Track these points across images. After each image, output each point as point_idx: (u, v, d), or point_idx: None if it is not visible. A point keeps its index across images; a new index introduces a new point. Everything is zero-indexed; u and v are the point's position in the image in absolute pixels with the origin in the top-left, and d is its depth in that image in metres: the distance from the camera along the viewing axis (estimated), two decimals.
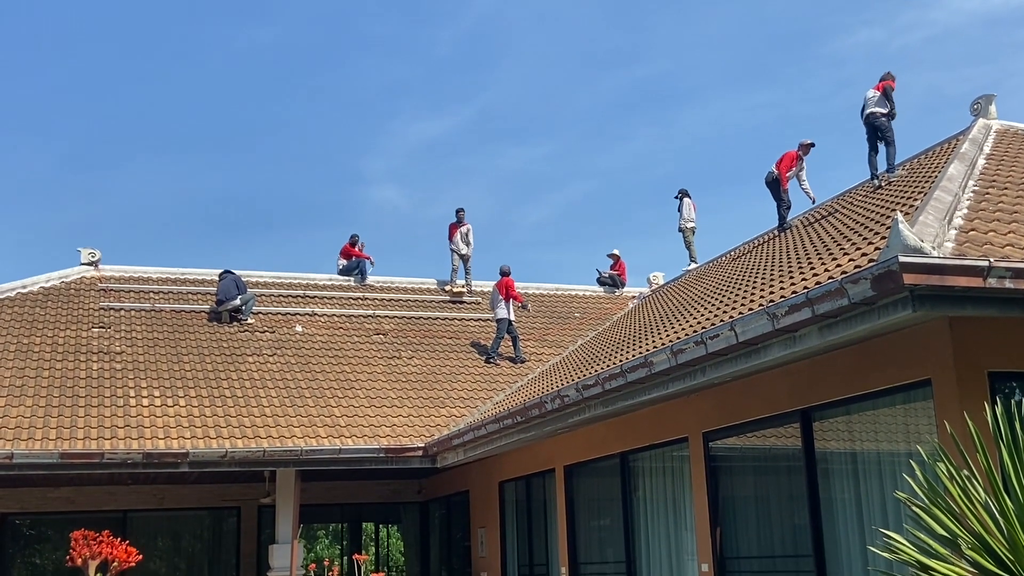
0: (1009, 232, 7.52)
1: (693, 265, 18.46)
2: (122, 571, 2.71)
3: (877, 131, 12.75)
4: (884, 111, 12.76)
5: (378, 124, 62.27)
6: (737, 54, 56.60)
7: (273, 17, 55.54)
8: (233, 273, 18.54)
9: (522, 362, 17.68)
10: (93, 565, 2.60)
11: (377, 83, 60.00)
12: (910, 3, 53.16)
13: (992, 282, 6.05)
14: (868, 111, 12.83)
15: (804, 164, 14.37)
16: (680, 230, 19.43)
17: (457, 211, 21.36)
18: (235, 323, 17.92)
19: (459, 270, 21.09)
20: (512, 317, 18.01)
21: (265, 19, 55.79)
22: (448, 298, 20.77)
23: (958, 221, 7.72)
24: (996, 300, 6.29)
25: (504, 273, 18.36)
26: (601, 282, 22.65)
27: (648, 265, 51.55)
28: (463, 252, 20.96)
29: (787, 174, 14.09)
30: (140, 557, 2.80)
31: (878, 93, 12.87)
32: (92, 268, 19.20)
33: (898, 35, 53.88)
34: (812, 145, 14.47)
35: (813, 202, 14.30)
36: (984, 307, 6.32)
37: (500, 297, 18.06)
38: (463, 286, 20.92)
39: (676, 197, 19.75)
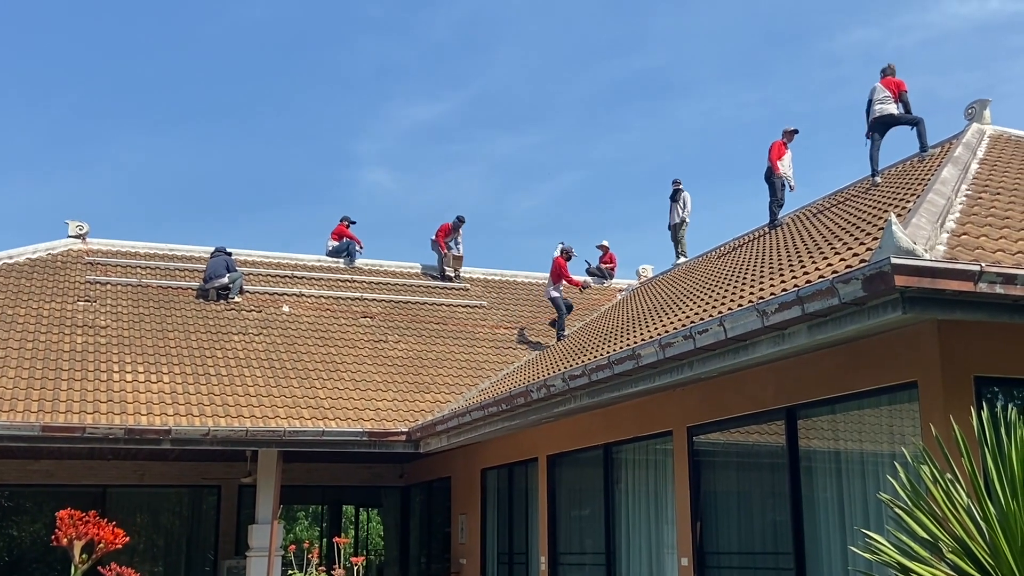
0: (1000, 237, 7.53)
1: (683, 259, 18.38)
2: (108, 552, 2.67)
3: (899, 123, 12.71)
4: (898, 113, 12.71)
5: (371, 106, 62.06)
6: (733, 49, 56.60)
7: None
8: (227, 253, 18.45)
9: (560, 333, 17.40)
10: (78, 546, 2.55)
11: (372, 64, 59.79)
12: (906, 5, 53.25)
13: (983, 287, 6.05)
14: (886, 113, 12.68)
15: (789, 151, 14.39)
16: (679, 223, 18.67)
17: (459, 217, 21.40)
18: (222, 301, 17.85)
19: (447, 257, 21.20)
20: (556, 295, 17.58)
21: None
22: (436, 283, 20.75)
23: (950, 224, 7.73)
24: (986, 305, 6.30)
25: (561, 253, 17.90)
26: (590, 273, 22.63)
27: (636, 257, 51.65)
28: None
29: (777, 161, 14.10)
30: (127, 539, 2.75)
31: (890, 94, 12.74)
32: (79, 241, 19.08)
33: (894, 36, 53.99)
34: (795, 132, 14.48)
35: (792, 190, 14.30)
36: (973, 311, 6.33)
37: (552, 280, 17.77)
38: (457, 256, 21.04)
39: (674, 187, 18.57)
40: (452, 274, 21.08)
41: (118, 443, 13.16)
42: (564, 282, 17.78)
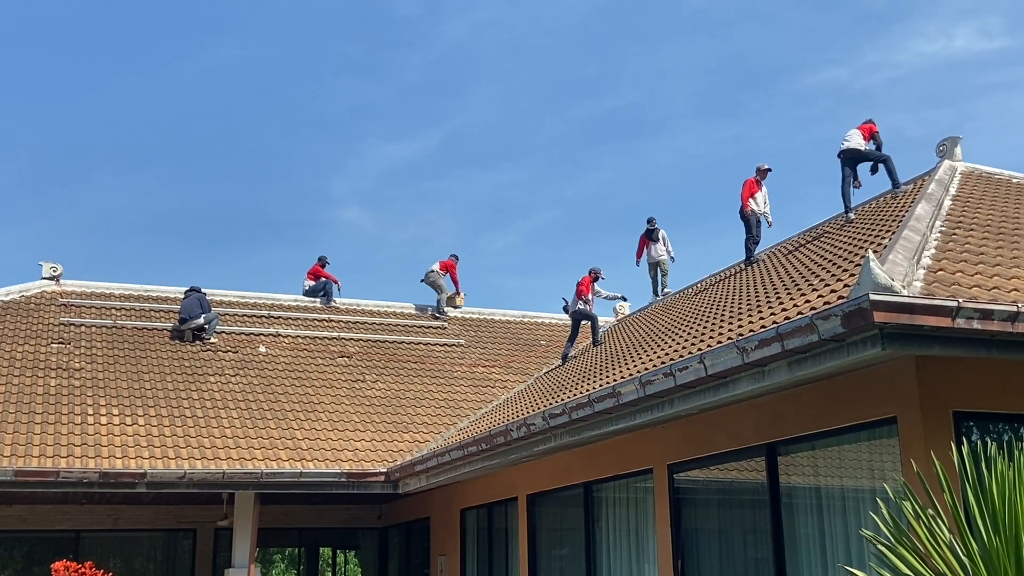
0: (976, 273, 7.61)
1: (661, 296, 18.30)
2: None
3: (866, 159, 12.87)
4: (865, 148, 12.87)
5: (347, 146, 62.18)
6: (705, 88, 57.22)
7: (245, 35, 55.42)
8: (200, 291, 18.35)
9: (566, 357, 16.93)
10: None
11: (347, 105, 59.98)
12: (874, 45, 54.12)
13: (960, 322, 6.10)
14: (852, 147, 12.85)
15: (764, 188, 14.50)
16: (662, 260, 18.52)
17: (454, 256, 22.13)
18: (198, 342, 17.72)
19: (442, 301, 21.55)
20: (578, 307, 17.21)
21: (237, 37, 55.66)
22: (414, 322, 20.74)
23: (926, 261, 7.80)
24: (963, 340, 6.34)
25: (589, 272, 17.60)
26: (567, 310, 22.61)
27: None
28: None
29: (748, 199, 14.22)
30: None
31: (859, 132, 12.92)
32: (53, 283, 18.93)
33: (862, 75, 54.79)
34: (769, 170, 14.62)
35: (769, 226, 14.42)
36: (951, 347, 6.36)
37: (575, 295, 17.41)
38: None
39: (651, 226, 18.16)
40: (452, 307, 21.60)
41: (92, 487, 12.98)
42: (588, 296, 17.39)
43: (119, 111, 56.85)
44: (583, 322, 16.98)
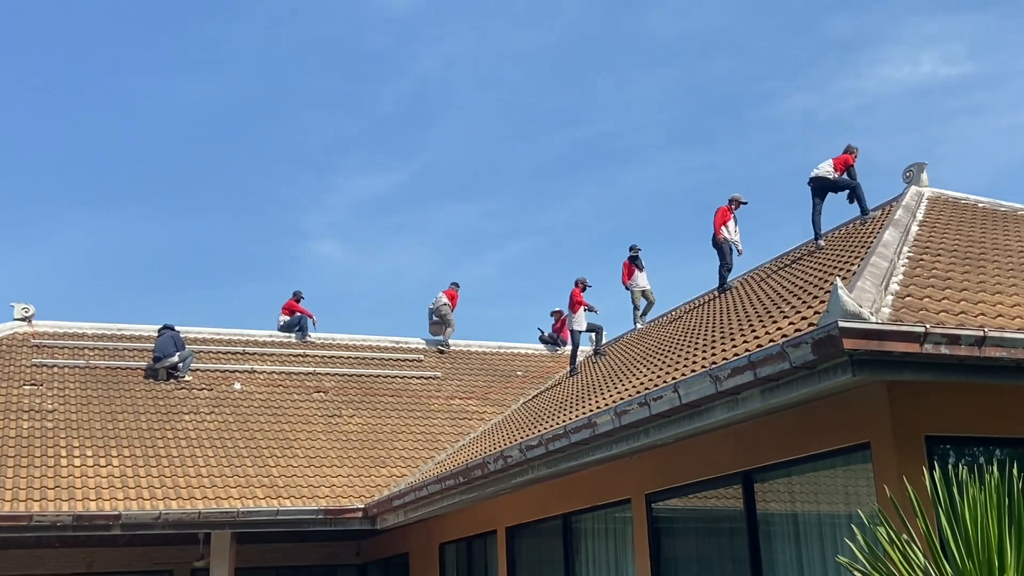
0: (943, 298, 7.70)
1: (640, 324, 18.30)
2: None
3: (836, 188, 13.02)
4: (834, 177, 13.04)
5: (320, 179, 62.09)
6: (676, 117, 57.64)
7: (216, 71, 55.41)
8: (173, 329, 18.23)
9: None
10: None
11: (321, 139, 59.96)
12: (842, 72, 54.74)
13: (928, 348, 6.17)
14: (820, 175, 13.02)
15: (735, 217, 14.64)
16: (647, 288, 18.05)
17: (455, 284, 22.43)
18: (172, 380, 17.59)
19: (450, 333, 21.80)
20: (579, 328, 16.82)
21: (208, 73, 55.64)
22: (389, 356, 20.69)
23: (894, 287, 7.89)
24: (932, 365, 6.41)
25: (576, 283, 17.01)
26: (543, 340, 22.68)
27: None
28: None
29: (720, 227, 14.36)
30: None
31: (830, 162, 13.10)
32: (25, 324, 18.75)
33: (831, 102, 55.32)
34: (744, 203, 14.76)
35: (739, 254, 14.52)
36: (921, 372, 6.43)
37: (570, 311, 17.23)
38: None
39: (636, 252, 17.99)
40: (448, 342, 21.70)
41: (66, 530, 12.81)
42: (583, 308, 17.13)
43: (90, 149, 56.57)
44: (590, 334, 16.99)
